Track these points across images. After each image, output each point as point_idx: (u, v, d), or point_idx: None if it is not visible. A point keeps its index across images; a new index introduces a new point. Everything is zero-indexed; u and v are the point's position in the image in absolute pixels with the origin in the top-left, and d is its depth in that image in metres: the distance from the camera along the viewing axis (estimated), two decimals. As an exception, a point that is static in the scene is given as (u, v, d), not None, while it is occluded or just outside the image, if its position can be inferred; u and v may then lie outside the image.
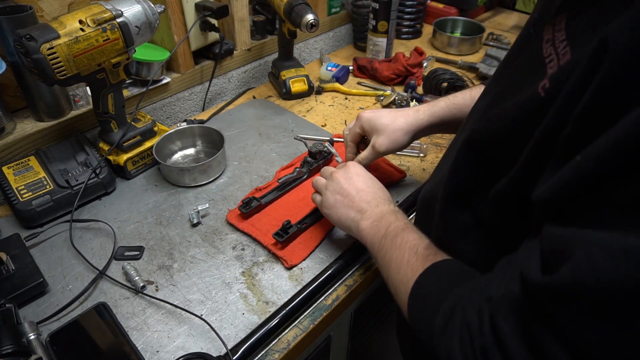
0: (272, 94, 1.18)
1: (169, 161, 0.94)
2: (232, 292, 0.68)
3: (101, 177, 0.82)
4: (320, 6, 1.32)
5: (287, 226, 0.73)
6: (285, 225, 0.73)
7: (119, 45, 0.76)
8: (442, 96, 1.10)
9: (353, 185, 0.67)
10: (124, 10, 0.75)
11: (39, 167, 0.82)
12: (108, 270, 0.71)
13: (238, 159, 0.95)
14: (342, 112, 1.11)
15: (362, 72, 1.25)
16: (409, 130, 0.74)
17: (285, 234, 0.73)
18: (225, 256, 0.74)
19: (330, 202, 0.67)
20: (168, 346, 0.61)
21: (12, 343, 0.53)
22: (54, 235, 0.77)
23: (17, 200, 0.76)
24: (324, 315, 0.66)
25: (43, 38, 0.67)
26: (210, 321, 0.63)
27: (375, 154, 0.76)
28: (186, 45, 1.05)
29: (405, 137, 0.74)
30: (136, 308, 0.66)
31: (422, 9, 1.41)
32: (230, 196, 0.85)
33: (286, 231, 0.73)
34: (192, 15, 1.02)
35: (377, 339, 1.03)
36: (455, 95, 0.74)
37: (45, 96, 0.86)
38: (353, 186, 0.67)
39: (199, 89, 1.12)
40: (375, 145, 0.75)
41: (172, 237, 0.77)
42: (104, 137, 0.87)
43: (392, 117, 0.75)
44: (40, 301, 0.67)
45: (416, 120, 0.74)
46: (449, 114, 0.73)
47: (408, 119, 0.74)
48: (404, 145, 0.75)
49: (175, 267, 0.72)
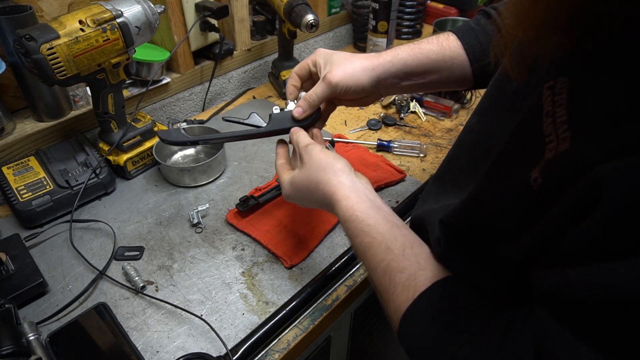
0: (272, 94, 1.18)
1: (169, 161, 0.94)
2: (232, 292, 0.68)
3: (101, 177, 0.82)
4: (320, 6, 1.32)
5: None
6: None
7: (119, 46, 0.76)
8: (442, 97, 1.11)
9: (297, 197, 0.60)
10: (124, 10, 0.75)
11: (39, 167, 0.82)
12: (108, 270, 0.71)
13: (238, 159, 0.95)
14: (342, 112, 1.11)
15: (362, 72, 1.25)
16: (368, 67, 0.62)
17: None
18: (225, 256, 0.74)
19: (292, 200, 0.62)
20: (168, 346, 0.61)
21: (12, 343, 0.53)
22: (53, 235, 0.77)
23: (17, 201, 0.76)
24: (324, 315, 0.66)
25: (43, 38, 0.67)
26: (210, 321, 0.63)
27: (327, 87, 0.62)
28: (186, 46, 1.05)
29: (363, 73, 0.62)
30: (136, 308, 0.66)
31: (422, 9, 1.41)
32: (230, 196, 0.85)
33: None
34: (192, 15, 1.02)
35: (377, 339, 1.03)
36: (420, 41, 0.65)
37: (45, 96, 0.86)
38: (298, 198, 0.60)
39: (199, 89, 1.12)
40: (327, 76, 0.62)
41: (172, 237, 0.77)
42: (104, 137, 0.87)
43: (351, 55, 0.64)
44: (40, 301, 0.67)
45: (377, 60, 0.63)
46: (414, 59, 0.63)
47: (369, 57, 0.64)
48: (362, 84, 0.62)
49: (175, 267, 0.72)
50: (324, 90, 0.63)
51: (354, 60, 0.63)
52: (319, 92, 0.63)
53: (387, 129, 1.05)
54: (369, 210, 0.51)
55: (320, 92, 0.63)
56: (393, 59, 0.63)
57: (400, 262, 0.46)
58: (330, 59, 0.64)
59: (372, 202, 0.52)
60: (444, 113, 1.09)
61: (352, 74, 0.62)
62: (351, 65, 0.62)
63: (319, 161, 0.56)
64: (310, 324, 0.65)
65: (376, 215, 0.50)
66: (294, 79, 0.68)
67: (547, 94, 0.33)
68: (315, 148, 0.58)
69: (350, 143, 0.98)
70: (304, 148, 0.58)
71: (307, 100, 0.64)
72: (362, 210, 0.51)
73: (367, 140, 1.00)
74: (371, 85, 0.63)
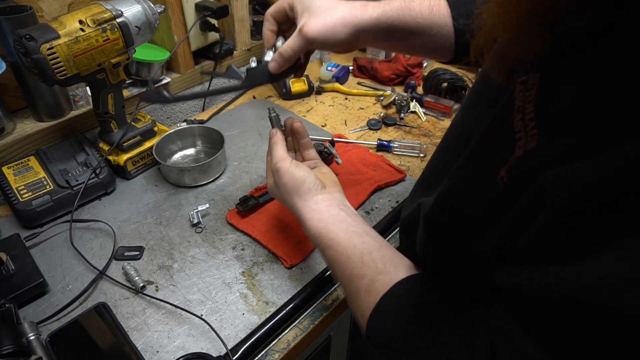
0: (272, 94, 1.18)
1: (169, 161, 0.93)
2: (232, 292, 0.68)
3: (101, 177, 0.82)
4: (320, 6, 1.32)
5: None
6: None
7: (119, 46, 0.76)
8: (443, 96, 1.11)
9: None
10: (124, 10, 0.75)
11: (39, 167, 0.82)
12: (108, 270, 0.71)
13: (238, 159, 0.95)
14: (342, 112, 1.11)
15: (362, 72, 1.25)
16: (349, 22, 0.57)
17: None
18: (225, 256, 0.74)
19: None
20: (168, 346, 0.61)
21: (12, 343, 0.53)
22: (54, 235, 0.77)
23: (17, 201, 0.76)
24: (324, 315, 0.66)
25: (43, 38, 0.67)
26: (210, 321, 0.63)
27: (303, 42, 0.57)
28: (186, 45, 1.05)
29: (343, 29, 0.57)
30: (136, 308, 0.66)
31: None
32: (230, 196, 0.85)
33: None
34: (192, 15, 1.02)
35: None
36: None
37: (45, 96, 0.86)
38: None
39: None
40: (303, 28, 0.56)
41: (172, 237, 0.77)
42: (104, 137, 0.87)
43: (333, 2, 0.58)
44: (40, 301, 0.67)
45: (362, 14, 0.57)
46: (402, 20, 0.59)
47: (353, 10, 0.58)
48: (340, 39, 0.57)
49: (175, 267, 0.72)
50: (300, 44, 0.58)
51: (334, 10, 0.57)
52: (295, 46, 0.58)
53: (387, 129, 1.05)
54: (330, 226, 0.54)
55: (297, 45, 0.58)
56: (380, 17, 0.58)
57: (360, 270, 0.48)
58: (309, 5, 0.58)
59: (335, 216, 0.55)
60: (444, 113, 1.09)
61: (331, 28, 0.56)
62: (331, 17, 0.57)
63: (284, 186, 0.59)
64: (310, 324, 0.65)
65: (337, 229, 0.53)
66: (270, 23, 0.63)
67: (519, 89, 0.33)
68: (282, 167, 0.59)
69: (350, 143, 0.98)
70: (275, 166, 0.61)
71: (283, 55, 0.59)
72: (323, 227, 0.54)
73: (367, 140, 1.00)
74: (350, 40, 0.58)
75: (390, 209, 0.82)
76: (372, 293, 0.46)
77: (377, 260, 0.48)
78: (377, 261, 0.48)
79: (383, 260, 0.48)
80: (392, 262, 0.48)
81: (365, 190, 0.84)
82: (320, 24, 0.56)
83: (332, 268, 0.53)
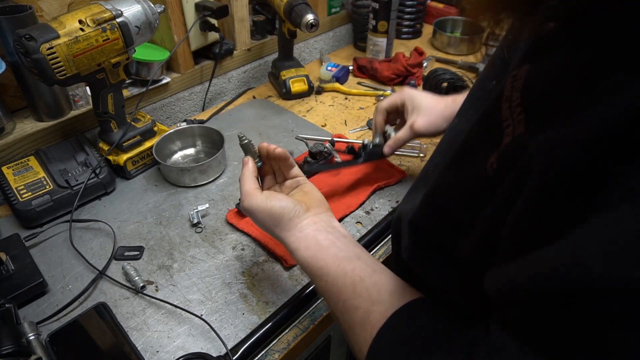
0: (272, 94, 1.18)
1: (169, 161, 0.93)
2: (232, 292, 0.68)
3: (101, 177, 0.82)
4: (320, 6, 1.32)
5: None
6: None
7: (119, 45, 0.76)
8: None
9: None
10: (124, 10, 0.75)
11: (38, 167, 0.82)
12: (108, 270, 0.71)
13: (238, 159, 0.95)
14: (342, 112, 1.11)
15: (362, 72, 1.25)
16: (447, 115, 0.73)
17: None
18: (225, 256, 0.74)
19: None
20: (168, 346, 0.61)
21: (12, 343, 0.53)
22: (53, 235, 0.77)
23: (17, 200, 0.76)
24: (324, 315, 0.66)
25: (43, 38, 0.67)
26: (210, 321, 0.63)
27: (412, 135, 0.75)
28: (186, 45, 1.05)
29: (444, 123, 0.73)
30: (136, 308, 0.66)
31: (422, 8, 1.41)
32: (230, 196, 0.85)
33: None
34: (192, 15, 1.02)
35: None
36: None
37: (45, 96, 0.86)
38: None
39: (198, 89, 1.12)
40: (413, 125, 0.74)
41: (172, 237, 0.77)
42: (104, 137, 0.87)
43: (434, 101, 0.75)
44: (40, 301, 0.67)
45: (453, 107, 0.72)
46: None
47: (448, 105, 0.73)
48: (440, 131, 0.74)
49: (175, 267, 0.72)
50: (410, 136, 0.76)
51: (435, 108, 0.74)
52: (406, 137, 0.77)
53: (387, 129, 1.05)
54: (318, 254, 0.50)
55: (407, 137, 0.77)
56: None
57: (353, 301, 0.45)
58: (418, 105, 0.75)
59: (322, 242, 0.52)
60: (444, 113, 1.09)
61: (434, 122, 0.74)
62: (435, 115, 0.74)
63: (262, 223, 0.55)
64: (310, 324, 0.65)
65: (325, 256, 0.50)
66: (383, 115, 0.80)
67: (509, 82, 0.33)
68: (253, 205, 0.55)
69: (350, 143, 0.98)
70: (243, 205, 0.57)
71: (397, 142, 0.78)
72: (311, 255, 0.51)
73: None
74: (445, 127, 0.72)
75: (390, 209, 0.82)
76: (368, 327, 0.43)
77: (370, 288, 0.45)
78: (370, 289, 0.45)
79: (377, 287, 0.45)
80: (387, 288, 0.45)
81: (365, 190, 0.84)
82: (426, 121, 0.74)
83: (325, 299, 0.50)
